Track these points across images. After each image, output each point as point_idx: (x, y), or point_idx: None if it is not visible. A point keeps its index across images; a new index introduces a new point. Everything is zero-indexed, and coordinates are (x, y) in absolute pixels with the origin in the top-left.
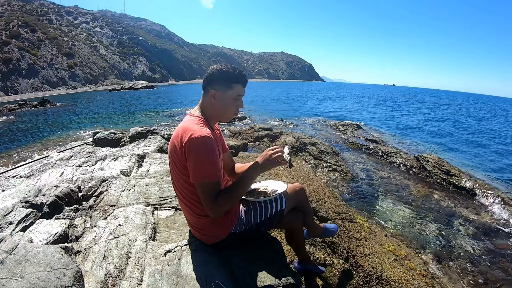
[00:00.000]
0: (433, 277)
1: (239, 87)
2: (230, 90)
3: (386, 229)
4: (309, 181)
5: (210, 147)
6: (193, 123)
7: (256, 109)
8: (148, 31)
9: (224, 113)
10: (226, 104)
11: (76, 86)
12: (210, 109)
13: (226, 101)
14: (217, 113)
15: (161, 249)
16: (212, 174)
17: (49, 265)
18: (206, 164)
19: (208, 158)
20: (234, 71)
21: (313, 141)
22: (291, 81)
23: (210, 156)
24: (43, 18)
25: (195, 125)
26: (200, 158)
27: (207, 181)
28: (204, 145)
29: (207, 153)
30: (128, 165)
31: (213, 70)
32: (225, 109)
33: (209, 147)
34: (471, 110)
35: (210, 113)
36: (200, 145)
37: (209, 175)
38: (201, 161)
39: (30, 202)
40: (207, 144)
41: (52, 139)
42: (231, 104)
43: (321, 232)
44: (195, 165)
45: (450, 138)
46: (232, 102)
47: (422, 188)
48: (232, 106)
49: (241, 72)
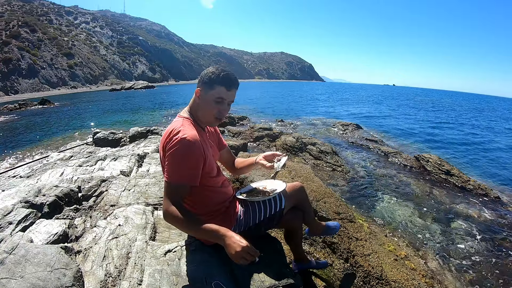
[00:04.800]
0: (433, 276)
1: (221, 89)
2: (211, 91)
3: (386, 228)
4: (309, 181)
5: (189, 150)
6: (179, 124)
7: (256, 109)
8: (148, 31)
9: (204, 114)
10: (206, 104)
11: (76, 86)
12: (196, 109)
13: (207, 101)
14: (200, 114)
15: (161, 249)
16: (177, 178)
17: (49, 265)
18: (175, 167)
19: (182, 161)
20: (220, 72)
21: (313, 141)
22: (291, 81)
23: (182, 160)
24: (43, 18)
25: (180, 126)
26: (175, 159)
27: (173, 183)
28: (183, 147)
29: (183, 156)
30: (128, 165)
31: (204, 70)
32: (205, 109)
33: (187, 150)
34: (471, 110)
35: (197, 114)
36: (179, 146)
37: (175, 178)
38: (175, 162)
39: (30, 202)
40: (187, 146)
41: (52, 139)
42: (211, 105)
43: (323, 230)
44: (169, 164)
45: (450, 138)
46: (212, 103)
47: (422, 188)
48: (212, 108)
49: (228, 75)
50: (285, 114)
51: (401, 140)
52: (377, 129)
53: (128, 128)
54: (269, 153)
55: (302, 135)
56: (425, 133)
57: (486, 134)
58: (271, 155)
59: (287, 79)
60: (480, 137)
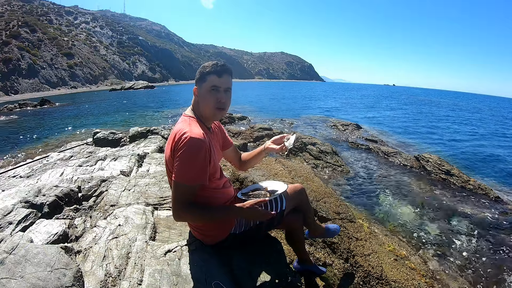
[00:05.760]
0: (433, 276)
1: (213, 77)
2: (204, 83)
3: (386, 228)
4: (309, 181)
5: (196, 150)
6: (185, 123)
7: (256, 109)
8: (148, 31)
9: (205, 108)
10: (204, 98)
11: (76, 86)
12: (197, 106)
13: (204, 95)
14: (202, 109)
15: (161, 249)
16: (189, 178)
17: (49, 265)
18: (187, 167)
19: (190, 162)
20: (208, 64)
21: (313, 141)
22: (291, 81)
23: (193, 160)
24: (43, 18)
25: (187, 126)
26: (183, 160)
27: (182, 183)
28: (190, 148)
29: (191, 157)
30: (128, 165)
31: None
32: (204, 103)
33: (195, 150)
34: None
35: (199, 111)
36: (187, 147)
37: (186, 179)
38: (184, 163)
39: (30, 202)
40: (194, 147)
41: (52, 139)
42: (208, 96)
43: (322, 233)
44: (178, 165)
45: (451, 138)
46: (208, 94)
47: (422, 188)
48: (209, 98)
49: (216, 64)
50: (285, 114)
51: (401, 140)
52: (377, 129)
53: (128, 128)
54: (277, 137)
55: (302, 134)
56: (425, 133)
57: (486, 134)
58: (279, 138)
59: (287, 79)
60: (480, 137)
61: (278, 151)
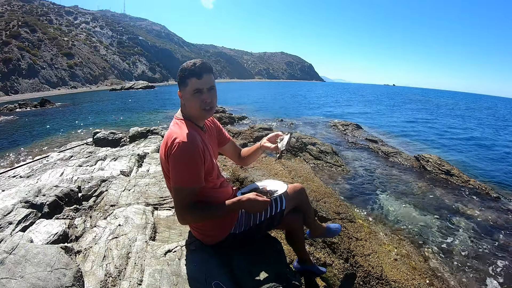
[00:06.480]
0: (433, 276)
1: (193, 80)
2: (186, 87)
3: (386, 228)
4: (309, 181)
5: (189, 154)
6: (176, 127)
7: (256, 109)
8: (148, 31)
9: (192, 111)
10: (189, 101)
11: (76, 86)
12: (185, 109)
13: (188, 98)
14: (189, 111)
15: (161, 249)
16: (187, 181)
17: (49, 265)
18: (182, 171)
19: (185, 165)
20: (186, 66)
21: (313, 141)
22: (291, 81)
23: (187, 164)
24: (43, 18)
25: (178, 129)
26: (178, 164)
27: (181, 187)
28: (183, 152)
29: (185, 160)
30: (128, 165)
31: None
32: (190, 106)
33: (187, 155)
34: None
35: (188, 113)
36: (179, 152)
37: (184, 182)
38: (179, 167)
39: (30, 202)
40: (186, 151)
41: (52, 139)
42: (193, 99)
43: (323, 232)
44: (173, 170)
45: (450, 138)
46: (192, 97)
47: (422, 188)
48: (194, 101)
49: (194, 66)
50: (285, 113)
51: (401, 140)
52: (377, 129)
53: (128, 128)
54: (272, 135)
55: (302, 134)
56: (425, 133)
57: (486, 134)
58: (274, 136)
59: (287, 79)
60: (480, 137)
61: (272, 150)
